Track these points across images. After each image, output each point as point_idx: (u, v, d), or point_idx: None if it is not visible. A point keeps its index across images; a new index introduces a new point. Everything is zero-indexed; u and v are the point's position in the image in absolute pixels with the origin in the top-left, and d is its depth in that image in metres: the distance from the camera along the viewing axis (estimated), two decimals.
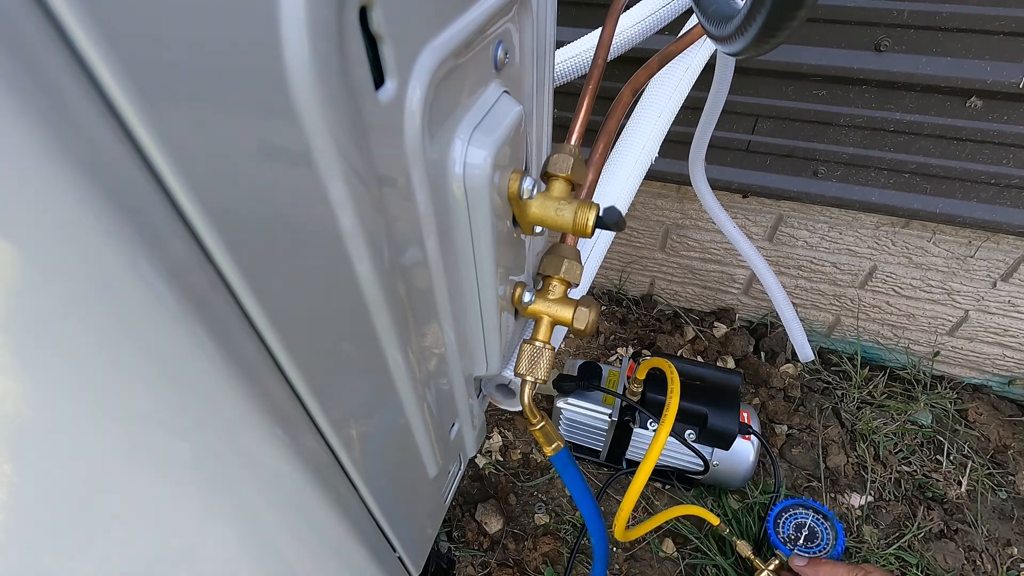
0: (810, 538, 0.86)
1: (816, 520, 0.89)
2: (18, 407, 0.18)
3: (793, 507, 0.90)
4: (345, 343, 0.25)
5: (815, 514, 0.90)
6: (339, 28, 0.18)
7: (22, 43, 0.11)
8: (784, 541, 0.86)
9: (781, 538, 0.86)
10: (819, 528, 0.88)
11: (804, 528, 0.88)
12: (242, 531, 0.26)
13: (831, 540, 0.86)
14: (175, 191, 0.15)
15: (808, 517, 0.89)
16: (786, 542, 0.85)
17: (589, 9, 0.97)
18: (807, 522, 0.88)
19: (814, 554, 0.84)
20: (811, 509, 0.91)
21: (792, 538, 0.86)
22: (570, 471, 0.46)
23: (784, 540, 0.86)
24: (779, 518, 0.89)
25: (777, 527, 0.87)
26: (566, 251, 0.42)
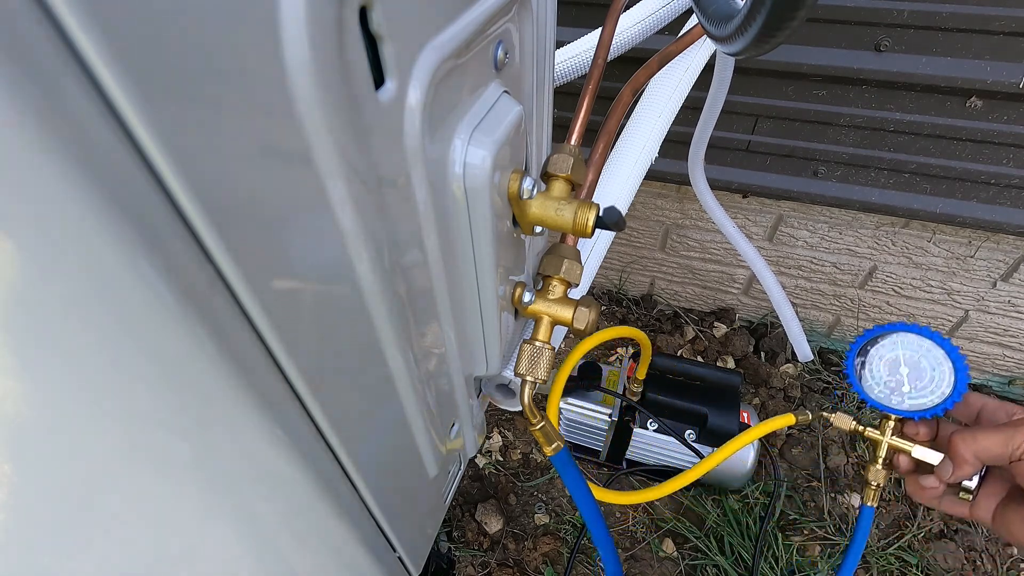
0: (916, 379, 0.54)
1: (918, 351, 0.55)
2: (18, 407, 0.18)
3: (881, 338, 0.55)
4: (345, 343, 0.25)
5: (916, 342, 0.55)
6: (339, 28, 0.18)
7: (22, 43, 0.11)
8: (876, 392, 0.54)
9: (871, 387, 0.54)
10: (926, 363, 0.54)
11: (899, 366, 0.55)
12: (242, 531, 0.26)
13: (947, 380, 0.53)
14: (175, 191, 0.15)
15: (906, 349, 0.55)
16: (879, 392, 0.53)
17: (589, 9, 0.97)
18: (906, 357, 0.55)
19: (933, 413, 0.52)
20: (910, 336, 0.55)
21: (888, 385, 0.54)
22: (570, 471, 0.46)
23: (877, 391, 0.54)
24: (864, 355, 0.56)
25: (863, 374, 0.55)
26: (566, 251, 0.42)
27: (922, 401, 0.52)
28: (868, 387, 0.54)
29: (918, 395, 0.52)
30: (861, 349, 0.55)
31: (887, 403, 0.53)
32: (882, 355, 0.54)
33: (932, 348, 0.53)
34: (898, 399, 0.53)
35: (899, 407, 0.53)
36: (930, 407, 0.51)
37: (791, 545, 1.01)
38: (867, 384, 0.54)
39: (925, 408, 0.52)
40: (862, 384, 0.54)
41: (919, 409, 0.52)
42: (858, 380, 0.55)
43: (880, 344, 0.54)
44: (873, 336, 0.54)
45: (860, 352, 0.55)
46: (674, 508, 1.08)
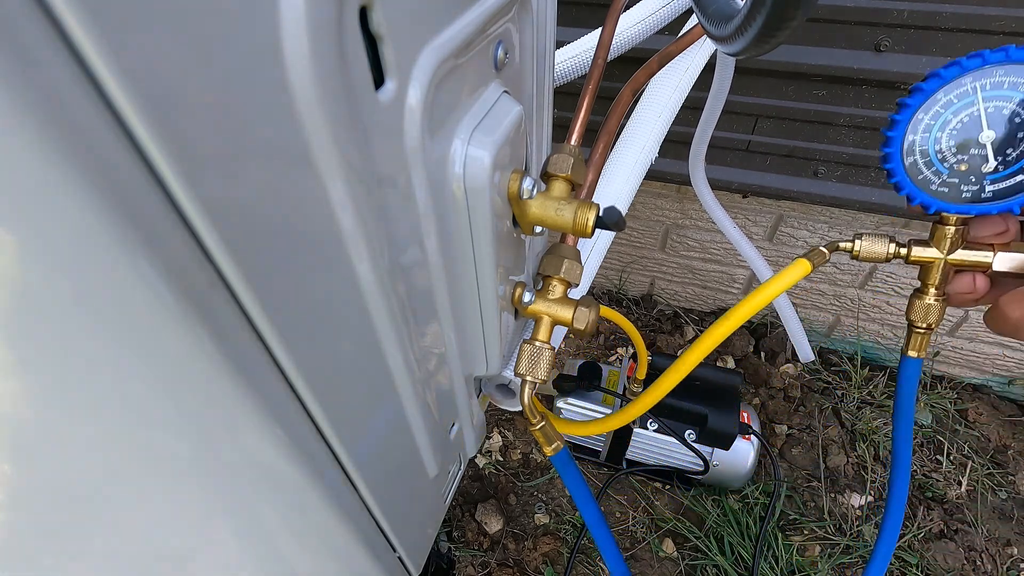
0: (1008, 146, 0.33)
1: (1013, 97, 0.32)
2: (18, 407, 0.18)
3: (944, 90, 0.33)
4: (345, 343, 0.25)
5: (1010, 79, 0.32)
6: (339, 28, 0.18)
7: (22, 43, 0.11)
8: (935, 186, 0.35)
9: (926, 179, 0.35)
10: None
11: (979, 130, 0.33)
12: (242, 531, 0.26)
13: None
14: (175, 191, 0.15)
15: (994, 97, 0.33)
16: (939, 186, 0.35)
17: (589, 9, 0.97)
18: (992, 112, 0.33)
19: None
20: (1003, 72, 0.32)
21: (956, 168, 0.34)
22: (570, 471, 0.46)
23: (936, 184, 0.35)
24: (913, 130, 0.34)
25: (911, 159, 0.35)
26: (566, 251, 0.42)
27: (1014, 182, 0.33)
28: (922, 180, 0.34)
29: (1008, 173, 0.33)
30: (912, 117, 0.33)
31: (954, 199, 0.34)
32: (947, 118, 0.32)
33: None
34: (974, 187, 0.33)
35: (974, 201, 0.34)
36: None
37: (791, 545, 1.01)
38: (919, 175, 0.34)
39: (1016, 195, 0.33)
40: (910, 172, 0.34)
41: (1008, 196, 0.33)
42: (904, 168, 0.34)
43: (941, 98, 0.32)
44: (936, 87, 0.32)
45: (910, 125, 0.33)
46: (674, 508, 1.08)
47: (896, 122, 0.33)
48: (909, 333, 0.41)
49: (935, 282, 0.37)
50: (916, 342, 0.40)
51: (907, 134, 0.34)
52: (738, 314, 0.39)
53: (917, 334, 0.40)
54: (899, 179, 0.35)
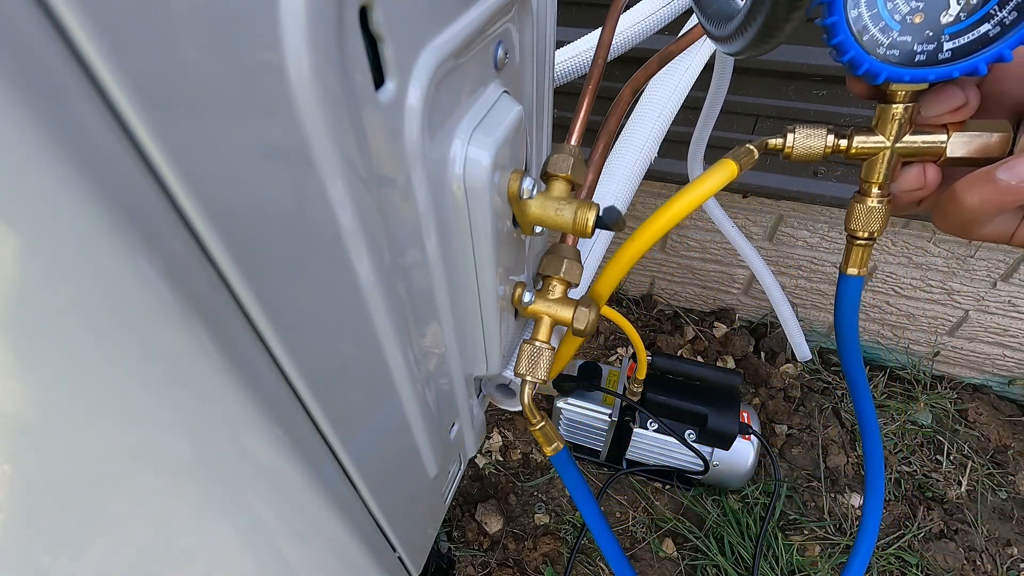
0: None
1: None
2: (18, 407, 0.18)
3: None
4: (345, 343, 0.25)
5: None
6: (339, 28, 0.18)
7: (22, 43, 0.11)
8: (883, 48, 0.28)
9: (874, 39, 0.28)
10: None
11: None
12: (242, 531, 0.26)
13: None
14: (175, 191, 0.15)
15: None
16: (888, 48, 0.28)
17: (589, 9, 0.97)
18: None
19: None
20: None
21: (910, 22, 0.27)
22: (570, 472, 0.46)
23: (884, 45, 0.28)
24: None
25: (856, 12, 0.28)
26: (566, 251, 0.42)
27: (977, 34, 0.26)
28: (869, 40, 0.28)
29: (971, 23, 0.26)
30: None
31: (906, 62, 0.28)
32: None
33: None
34: (929, 46, 0.27)
35: (931, 63, 0.27)
36: (993, 45, 0.26)
37: (791, 545, 1.01)
38: (865, 34, 0.28)
39: (980, 50, 0.27)
40: (855, 31, 0.28)
41: (971, 53, 0.27)
42: (848, 23, 0.27)
43: None
44: None
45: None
46: (674, 508, 1.08)
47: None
48: (849, 247, 0.36)
49: (879, 179, 0.33)
50: (856, 257, 0.36)
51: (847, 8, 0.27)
52: (661, 220, 0.36)
53: (858, 247, 0.36)
54: (842, 38, 0.28)
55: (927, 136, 0.31)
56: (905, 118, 0.31)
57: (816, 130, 0.33)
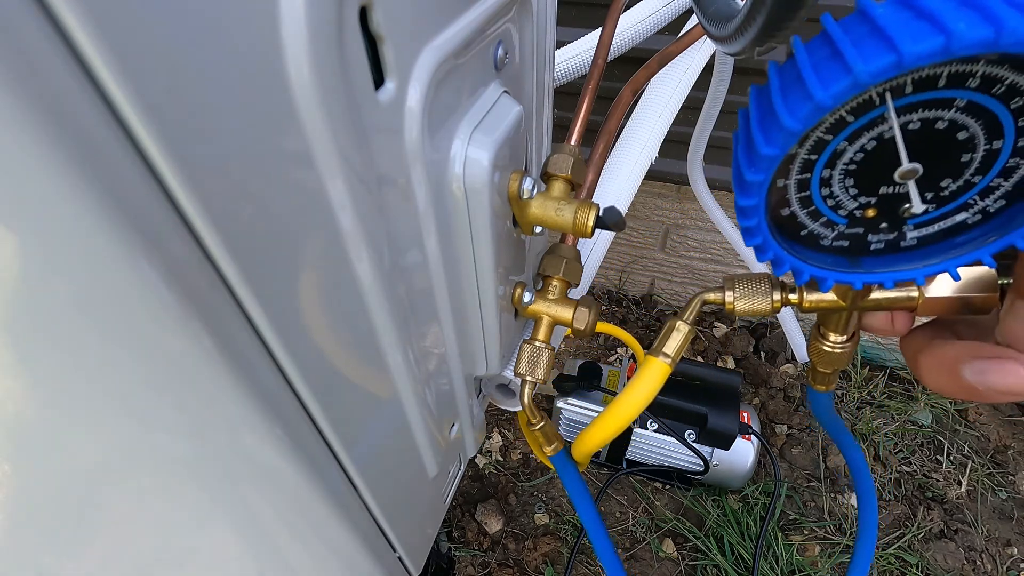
0: (939, 172, 0.20)
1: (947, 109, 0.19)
2: (18, 407, 0.18)
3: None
4: (345, 343, 0.25)
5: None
6: (339, 28, 0.18)
7: (22, 42, 0.11)
8: (834, 205, 0.22)
9: (818, 234, 0.23)
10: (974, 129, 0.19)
11: (899, 157, 0.20)
12: (242, 531, 0.26)
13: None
14: (175, 191, 0.15)
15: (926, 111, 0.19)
16: (837, 204, 0.22)
17: (589, 9, 0.97)
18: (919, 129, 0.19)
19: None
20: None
21: (856, 213, 0.22)
22: (569, 472, 0.46)
23: (834, 203, 0.22)
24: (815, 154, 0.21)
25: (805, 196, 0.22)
26: (566, 251, 0.42)
27: (953, 223, 0.22)
28: (808, 236, 0.23)
29: (943, 213, 0.22)
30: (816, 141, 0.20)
31: (856, 254, 0.24)
32: (837, 147, 0.20)
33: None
34: (888, 235, 0.23)
35: (891, 251, 0.23)
36: (968, 238, 0.22)
37: (791, 545, 1.01)
38: (801, 229, 0.23)
39: (952, 241, 0.23)
40: (786, 232, 0.23)
41: (941, 243, 0.23)
42: (771, 221, 0.22)
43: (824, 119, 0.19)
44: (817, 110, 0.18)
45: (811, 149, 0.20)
46: (674, 508, 1.08)
47: (762, 159, 0.20)
48: (813, 370, 0.33)
49: (837, 329, 0.29)
50: (822, 379, 0.33)
51: (773, 180, 0.21)
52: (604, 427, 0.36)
53: (822, 374, 0.33)
54: (763, 239, 0.22)
55: (895, 293, 0.26)
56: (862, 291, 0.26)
57: (757, 284, 0.29)
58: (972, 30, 0.16)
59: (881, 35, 0.17)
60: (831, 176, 0.21)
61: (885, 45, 0.17)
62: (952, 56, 0.16)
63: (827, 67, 0.18)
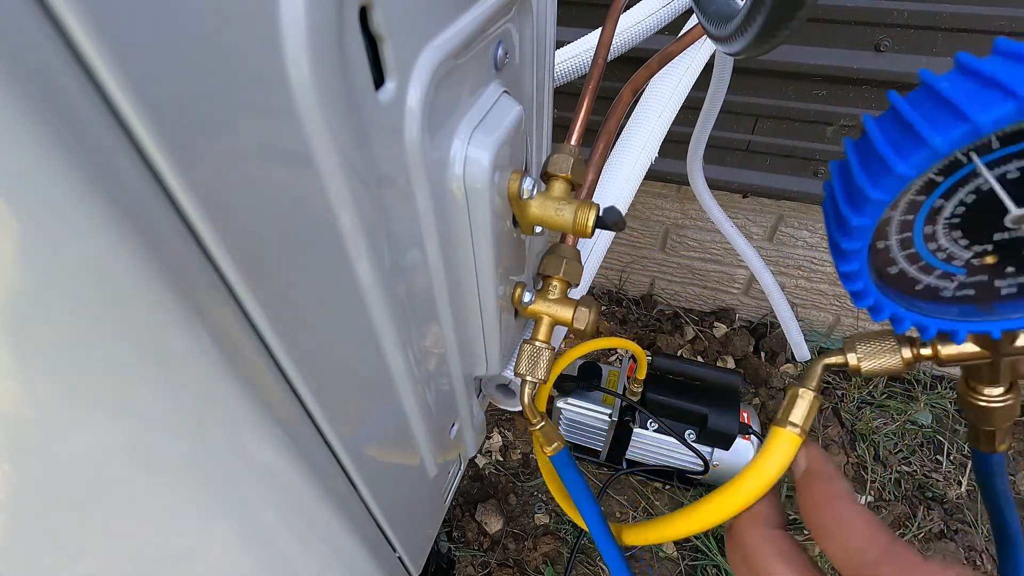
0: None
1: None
2: (18, 407, 0.18)
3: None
4: (345, 343, 0.25)
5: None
6: (339, 28, 0.18)
7: (22, 42, 0.11)
8: (947, 257, 0.21)
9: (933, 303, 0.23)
10: None
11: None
12: (242, 531, 0.26)
13: None
14: (175, 191, 0.15)
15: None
16: (951, 256, 0.21)
17: (589, 9, 0.97)
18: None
19: None
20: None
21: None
22: (570, 472, 0.46)
23: (947, 256, 0.21)
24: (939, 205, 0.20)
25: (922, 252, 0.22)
26: (566, 251, 0.42)
27: None
28: (924, 290, 0.22)
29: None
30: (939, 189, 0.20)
31: (988, 302, 0.22)
32: (936, 205, 0.20)
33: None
34: (1019, 279, 0.22)
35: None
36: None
37: None
38: (915, 284, 0.22)
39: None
40: (901, 288, 0.22)
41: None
42: (881, 282, 0.22)
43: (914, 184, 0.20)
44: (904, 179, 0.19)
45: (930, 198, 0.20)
46: (674, 508, 1.08)
47: (854, 229, 0.20)
48: (975, 429, 0.28)
49: (992, 382, 0.26)
50: (987, 439, 0.28)
51: (873, 241, 0.21)
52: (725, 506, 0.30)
53: (987, 432, 0.28)
54: (875, 300, 0.22)
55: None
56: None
57: (882, 342, 0.26)
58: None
59: (949, 106, 0.18)
60: (935, 232, 0.21)
61: (954, 115, 0.17)
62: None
63: (903, 140, 0.19)
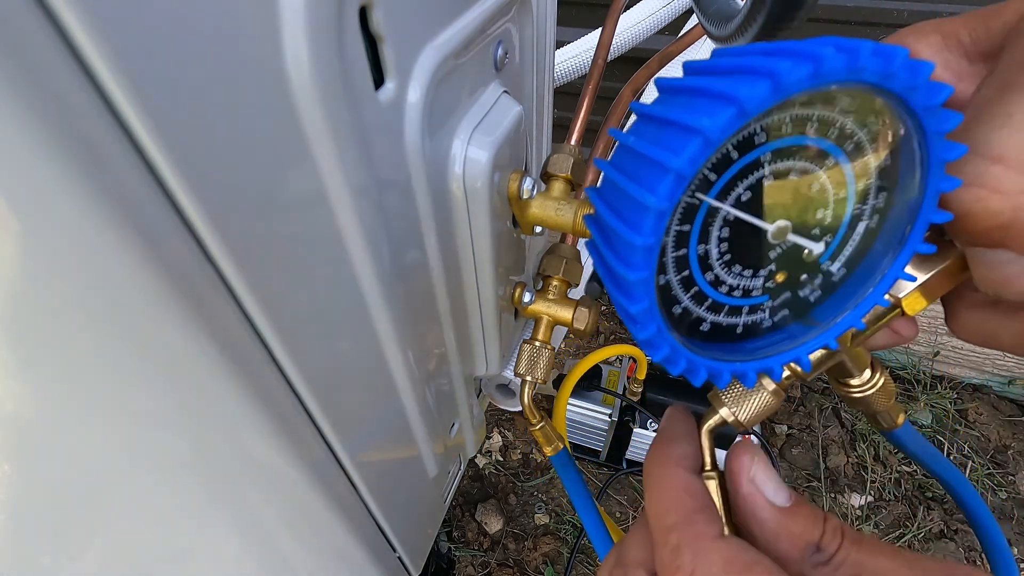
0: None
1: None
2: (18, 407, 0.18)
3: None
4: (345, 343, 0.25)
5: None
6: (339, 28, 0.18)
7: (22, 42, 0.11)
8: (730, 289, 0.21)
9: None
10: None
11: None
12: (242, 531, 0.26)
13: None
14: (175, 191, 0.15)
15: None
16: (734, 288, 0.21)
17: (589, 9, 0.97)
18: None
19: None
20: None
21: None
22: (569, 473, 0.46)
23: (730, 288, 0.21)
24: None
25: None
26: (566, 251, 0.42)
27: (857, 238, 0.22)
28: (716, 328, 0.22)
29: (843, 238, 0.21)
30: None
31: (793, 322, 0.23)
32: (689, 233, 0.20)
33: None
34: (814, 291, 0.23)
35: (825, 298, 0.23)
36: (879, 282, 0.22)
37: None
38: (698, 324, 0.22)
39: (873, 259, 0.22)
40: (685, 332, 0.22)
41: (871, 261, 0.22)
42: (672, 330, 0.21)
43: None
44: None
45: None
46: None
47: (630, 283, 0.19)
48: (871, 418, 0.31)
49: (854, 372, 0.28)
50: (886, 419, 0.31)
51: (655, 278, 0.20)
52: None
53: (879, 414, 0.30)
54: (667, 351, 0.21)
55: (875, 315, 0.25)
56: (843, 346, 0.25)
57: (740, 387, 0.26)
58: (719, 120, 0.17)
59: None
60: (717, 277, 0.21)
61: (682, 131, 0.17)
62: (722, 139, 0.17)
63: (647, 172, 0.18)
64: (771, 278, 0.22)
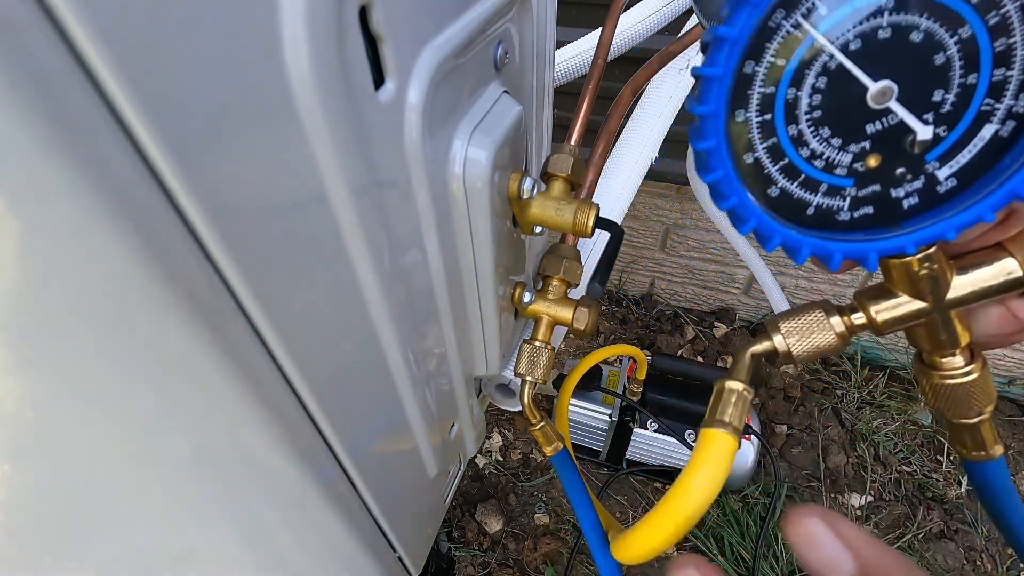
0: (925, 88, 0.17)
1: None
2: (18, 407, 0.18)
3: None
4: (345, 343, 0.25)
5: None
6: (339, 28, 0.18)
7: (23, 43, 0.11)
8: (826, 164, 0.19)
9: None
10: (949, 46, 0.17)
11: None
12: (242, 531, 0.26)
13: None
14: (175, 191, 0.15)
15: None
16: (830, 163, 0.19)
17: (589, 9, 0.97)
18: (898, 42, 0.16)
19: None
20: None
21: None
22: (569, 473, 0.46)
23: (826, 162, 0.19)
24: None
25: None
26: (566, 251, 0.42)
27: (981, 143, 0.18)
28: (795, 211, 0.20)
29: (961, 134, 0.18)
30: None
31: (887, 221, 0.20)
32: (783, 95, 0.18)
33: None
34: (913, 184, 0.19)
35: (927, 208, 0.19)
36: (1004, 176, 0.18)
37: None
38: (788, 206, 0.20)
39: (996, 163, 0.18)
40: (777, 210, 0.20)
41: (984, 173, 0.19)
42: (761, 201, 0.20)
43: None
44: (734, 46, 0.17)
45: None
46: None
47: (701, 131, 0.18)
48: (951, 428, 0.24)
49: (944, 345, 0.22)
50: (973, 440, 0.24)
51: (740, 153, 0.19)
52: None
53: (963, 427, 0.23)
54: (757, 221, 0.19)
55: (982, 270, 0.20)
56: (938, 266, 0.20)
57: (807, 316, 0.22)
58: None
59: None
60: (800, 132, 0.18)
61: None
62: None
63: None
64: (862, 158, 0.19)
